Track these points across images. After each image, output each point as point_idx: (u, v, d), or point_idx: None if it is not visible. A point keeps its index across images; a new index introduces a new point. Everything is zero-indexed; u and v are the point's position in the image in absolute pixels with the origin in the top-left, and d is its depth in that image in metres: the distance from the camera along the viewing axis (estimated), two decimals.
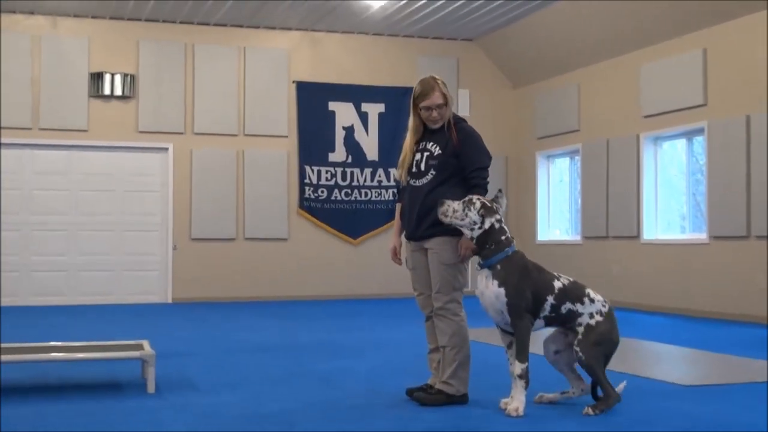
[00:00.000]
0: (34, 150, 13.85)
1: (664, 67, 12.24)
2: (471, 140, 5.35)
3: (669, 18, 11.84)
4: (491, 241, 5.01)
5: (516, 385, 4.93)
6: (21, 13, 13.73)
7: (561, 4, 13.01)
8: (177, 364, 7.05)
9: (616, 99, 13.32)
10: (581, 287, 5.07)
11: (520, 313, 4.90)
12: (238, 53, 14.68)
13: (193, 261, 14.37)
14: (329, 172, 15.01)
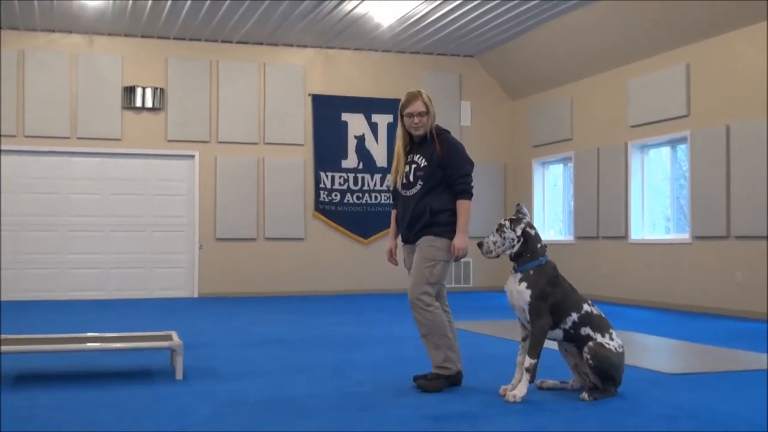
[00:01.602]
0: (71, 157, 13.91)
1: (650, 81, 12.24)
2: (454, 150, 5.41)
3: (654, 35, 11.85)
4: (528, 251, 5.09)
5: (520, 375, 4.98)
6: (59, 32, 13.79)
7: (554, 23, 13.02)
8: (202, 354, 7.07)
9: (605, 110, 13.31)
10: (608, 324, 5.09)
11: (539, 313, 4.93)
12: (259, 69, 14.71)
13: (218, 259, 14.40)
14: (342, 177, 15.03)
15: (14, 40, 13.61)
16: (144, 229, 14.18)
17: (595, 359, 4.90)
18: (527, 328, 5.05)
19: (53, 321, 9.84)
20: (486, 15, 12.85)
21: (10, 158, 13.57)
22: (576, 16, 12.57)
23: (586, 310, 5.04)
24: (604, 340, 4.96)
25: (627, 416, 4.56)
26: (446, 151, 5.35)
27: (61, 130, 13.76)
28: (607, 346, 4.94)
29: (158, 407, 4.84)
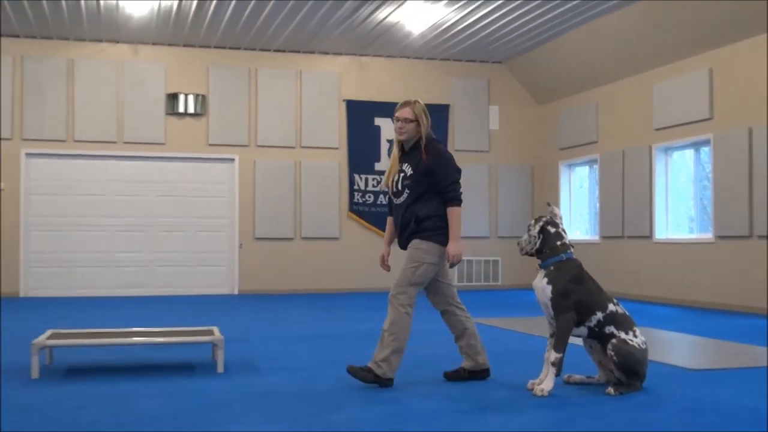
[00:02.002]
0: (118, 161, 14.05)
1: (674, 85, 12.12)
2: (441, 159, 5.31)
3: (678, 41, 11.73)
4: (547, 248, 5.10)
5: (547, 369, 4.98)
6: (106, 42, 13.94)
7: (580, 30, 12.94)
8: (242, 348, 7.11)
9: (630, 114, 13.21)
10: (632, 322, 5.07)
11: (562, 309, 4.94)
12: (295, 76, 14.77)
13: (257, 258, 14.48)
14: (375, 179, 15.04)
15: (64, 49, 13.79)
16: (186, 229, 14.29)
17: (619, 355, 4.89)
18: (553, 324, 5.05)
19: (101, 316, 9.94)
20: (514, 22, 12.81)
21: (60, 161, 13.77)
22: (602, 23, 12.48)
23: (611, 310, 5.03)
24: (627, 337, 4.94)
25: (651, 410, 4.53)
26: (433, 160, 5.26)
27: (108, 134, 13.92)
28: (630, 343, 4.92)
29: (200, 399, 4.88)
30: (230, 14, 12.45)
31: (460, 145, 15.44)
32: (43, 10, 12.19)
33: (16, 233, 13.52)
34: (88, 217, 13.86)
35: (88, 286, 13.81)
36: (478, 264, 15.50)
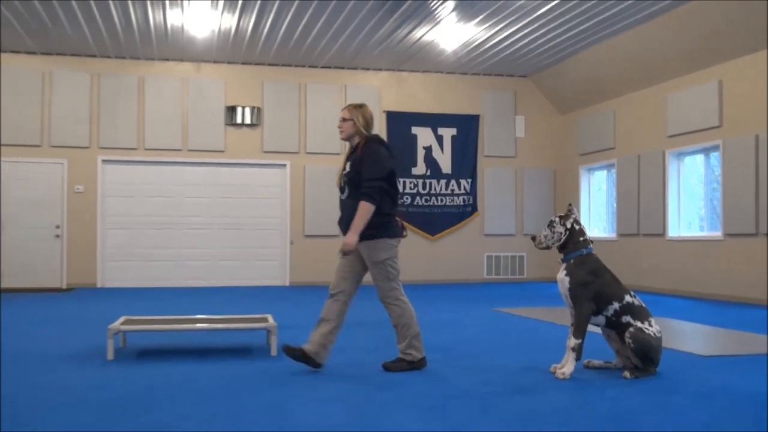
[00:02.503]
0: (183, 167, 14.19)
1: (686, 96, 11.95)
2: (367, 156, 5.08)
3: (689, 55, 11.57)
4: (571, 243, 5.07)
5: (568, 355, 4.95)
6: (173, 61, 14.09)
7: (599, 47, 12.81)
8: (293, 333, 7.12)
9: (645, 122, 13.05)
10: (648, 312, 5.02)
11: (579, 299, 4.91)
12: (340, 90, 14.80)
13: (306, 253, 14.54)
14: (412, 182, 15.02)
15: (135, 68, 13.97)
16: (243, 228, 14.40)
17: (635, 342, 4.85)
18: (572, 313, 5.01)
19: (168, 305, 10.05)
20: (538, 40, 12.71)
21: (132, 167, 13.95)
22: (618, 40, 12.34)
23: (627, 301, 4.98)
24: (643, 326, 4.90)
25: (665, 393, 4.47)
26: (362, 156, 5.09)
27: (174, 143, 14.07)
28: (646, 331, 4.88)
29: (257, 379, 4.92)
30: (282, 35, 12.52)
31: (489, 151, 15.37)
32: (117, 33, 12.36)
33: (94, 230, 13.73)
34: (157, 216, 14.04)
35: (157, 278, 13.99)
36: (506, 259, 15.41)
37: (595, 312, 4.97)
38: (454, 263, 15.14)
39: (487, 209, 15.36)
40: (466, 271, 15.20)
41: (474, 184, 15.27)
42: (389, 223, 5.15)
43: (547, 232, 5.16)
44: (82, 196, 13.68)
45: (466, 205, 15.23)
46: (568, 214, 5.15)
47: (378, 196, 5.02)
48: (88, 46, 13.17)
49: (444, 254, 15.12)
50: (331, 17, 11.59)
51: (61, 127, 13.62)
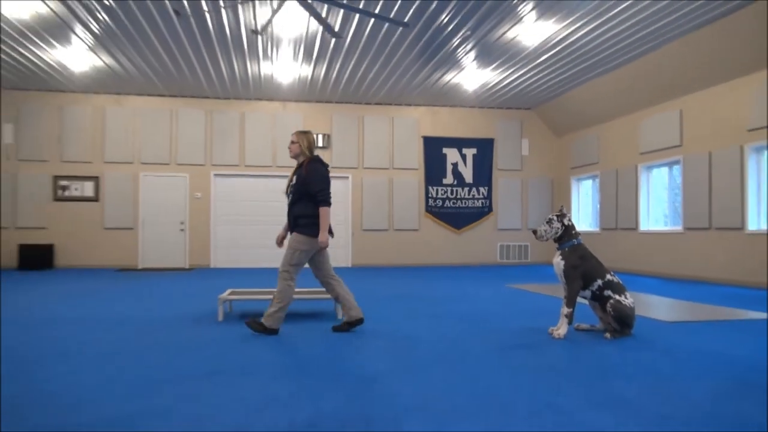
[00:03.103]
0: (272, 179, 14.32)
1: (654, 122, 11.66)
2: (314, 174, 4.94)
3: (656, 91, 11.29)
4: (566, 236, 5.00)
5: (562, 320, 4.88)
6: (265, 100, 14.28)
7: (585, 86, 12.59)
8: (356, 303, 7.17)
9: (621, 143, 12.77)
10: (624, 288, 4.92)
11: (571, 278, 4.86)
12: (389, 120, 14.81)
13: (364, 242, 14.59)
14: (443, 190, 14.96)
15: (238, 106, 14.19)
16: None
17: (615, 311, 4.78)
18: (565, 288, 4.93)
19: (263, 280, 10.20)
20: (539, 81, 12.54)
21: (235, 179, 14.15)
22: (600, 81, 12.11)
23: (608, 279, 4.89)
24: (621, 298, 4.81)
25: (637, 350, 4.37)
26: (308, 173, 4.94)
27: (266, 161, 14.25)
28: (623, 303, 4.80)
29: (327, 336, 4.95)
30: (345, 80, 12.58)
31: (502, 166, 15.22)
32: (225, 80, 12.56)
33: (207, 226, 13.99)
34: (253, 215, 14.22)
35: (253, 260, 14.18)
36: (514, 247, 15.24)
37: (582, 287, 4.90)
38: (474, 250, 15.04)
39: (500, 209, 15.22)
40: (483, 256, 15.09)
41: (490, 191, 15.15)
42: (317, 225, 4.98)
43: (546, 227, 5.08)
44: (200, 201, 13.95)
45: (483, 206, 15.11)
46: (563, 214, 5.08)
47: (329, 200, 4.94)
48: (203, 90, 13.42)
49: (467, 243, 15.03)
50: (382, 66, 11.61)
51: (184, 150, 13.91)
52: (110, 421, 2.77)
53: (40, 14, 8.87)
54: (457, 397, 3.17)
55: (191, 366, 3.84)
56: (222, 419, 2.80)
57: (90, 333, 5.04)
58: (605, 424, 2.77)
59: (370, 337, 4.90)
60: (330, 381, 3.48)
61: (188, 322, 5.63)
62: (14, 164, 13.33)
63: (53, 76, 12.18)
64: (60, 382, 3.45)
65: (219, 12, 8.82)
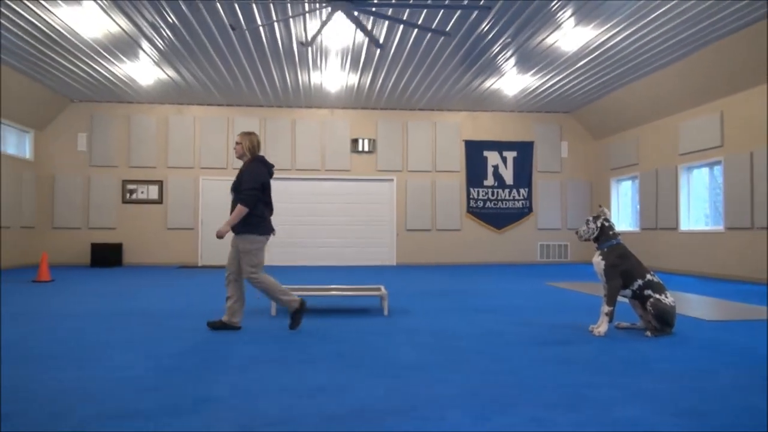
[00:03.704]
0: (321, 182, 14.50)
1: (695, 124, 11.29)
2: (247, 173, 4.85)
3: (697, 93, 10.93)
4: (603, 236, 4.91)
5: (602, 318, 4.79)
6: (314, 108, 14.46)
7: (624, 89, 12.28)
8: (399, 299, 7.20)
9: (661, 144, 12.40)
10: (664, 287, 4.79)
11: (611, 276, 4.76)
12: (432, 125, 14.79)
13: (408, 241, 14.60)
14: (484, 191, 14.84)
15: (289, 113, 14.41)
16: (363, 224, 14.60)
17: (655, 309, 4.66)
18: (605, 287, 4.84)
19: (312, 277, 10.32)
20: (578, 86, 12.31)
21: (287, 182, 14.37)
22: (640, 83, 11.79)
23: (648, 279, 4.77)
24: (661, 297, 4.69)
25: (677, 347, 4.26)
26: (242, 172, 4.88)
27: (315, 165, 14.42)
28: (663, 301, 4.68)
29: (374, 331, 4.99)
30: (390, 88, 12.63)
31: (541, 168, 15.00)
32: (277, 89, 12.80)
33: None
34: (304, 216, 14.40)
35: (305, 258, 14.36)
36: (554, 246, 14.99)
37: (623, 287, 4.80)
38: (515, 249, 14.86)
39: (540, 210, 15.00)
40: (524, 255, 14.89)
41: (530, 192, 14.95)
42: (260, 223, 4.86)
43: (585, 227, 5.02)
44: None
45: (523, 207, 14.92)
46: (598, 215, 5.00)
47: (251, 201, 4.80)
48: (257, 99, 13.70)
49: (507, 243, 14.86)
50: (425, 74, 11.61)
51: None
52: (175, 405, 2.88)
53: (111, 32, 9.24)
54: (498, 389, 3.16)
55: (245, 356, 3.94)
56: (273, 406, 2.88)
57: (153, 324, 5.22)
58: (641, 419, 2.72)
59: (414, 330, 4.91)
60: (375, 372, 3.52)
61: (244, 316, 5.75)
62: (87, 170, 13.90)
63: (122, 88, 12.65)
64: (131, 369, 3.60)
65: (272, 26, 8.99)
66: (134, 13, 8.51)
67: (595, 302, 6.81)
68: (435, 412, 2.77)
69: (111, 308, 6.24)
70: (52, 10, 8.32)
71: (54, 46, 9.81)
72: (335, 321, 5.45)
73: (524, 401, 2.95)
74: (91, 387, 3.18)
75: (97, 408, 2.82)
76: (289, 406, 2.85)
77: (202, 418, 2.69)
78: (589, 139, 15.31)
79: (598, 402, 2.95)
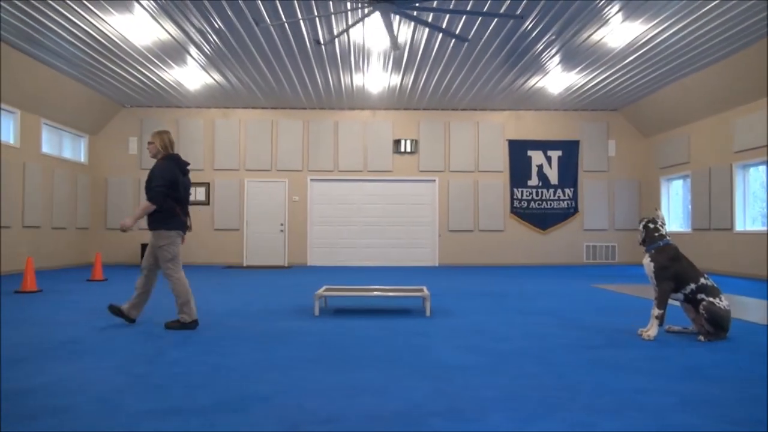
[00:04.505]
0: (364, 183, 14.58)
1: (751, 120, 10.84)
2: (156, 169, 4.87)
3: (751, 88, 10.49)
4: (649, 239, 4.80)
5: (652, 321, 4.66)
6: (357, 109, 14.55)
7: (675, 84, 11.91)
8: (441, 300, 7.18)
9: (714, 141, 11.97)
10: (719, 291, 4.65)
11: (661, 279, 4.62)
12: (475, 125, 14.68)
13: (450, 242, 14.53)
14: (528, 191, 14.63)
15: (331, 115, 14.55)
16: (405, 225, 14.61)
17: (708, 313, 4.50)
18: (656, 290, 4.71)
19: (354, 278, 10.37)
20: (626, 82, 12.01)
21: (330, 184, 14.51)
22: (691, 79, 11.42)
23: (701, 282, 4.61)
24: (715, 301, 4.53)
25: (730, 352, 4.10)
26: (153, 169, 4.89)
27: (357, 166, 14.52)
28: (717, 305, 4.51)
29: (416, 331, 4.98)
30: (432, 88, 12.60)
31: (588, 167, 14.70)
32: (320, 92, 12.94)
33: (305, 227, 14.44)
34: (346, 217, 14.52)
35: (346, 259, 14.47)
36: (601, 248, 14.66)
37: (674, 290, 4.66)
38: (560, 250, 14.60)
39: (586, 210, 14.69)
40: (569, 257, 14.61)
41: (575, 192, 14.66)
42: (170, 219, 4.89)
43: (639, 231, 4.93)
44: (298, 204, 14.42)
45: (569, 207, 14.64)
46: (643, 217, 4.89)
47: (159, 198, 4.83)
48: (301, 101, 13.88)
49: (552, 244, 14.61)
50: (467, 74, 11.54)
51: (283, 157, 14.44)
52: (224, 402, 2.95)
53: (160, 39, 9.53)
54: (542, 392, 3.11)
55: (290, 355, 4.00)
56: (317, 405, 2.91)
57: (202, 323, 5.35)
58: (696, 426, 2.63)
59: (457, 331, 4.89)
60: (418, 372, 3.52)
61: (287, 315, 5.84)
62: (137, 172, 14.37)
63: (171, 93, 13.04)
64: (181, 365, 3.70)
65: (315, 28, 9.10)
66: (182, 20, 8.75)
67: (643, 305, 6.63)
68: (477, 415, 2.76)
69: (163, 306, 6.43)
70: (105, 18, 8.64)
71: (107, 53, 10.18)
72: (377, 322, 5.47)
73: (570, 406, 2.90)
74: (141, 382, 3.29)
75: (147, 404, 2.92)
76: (333, 406, 2.88)
77: (250, 415, 2.75)
78: (638, 137, 14.91)
79: (648, 408, 2.87)
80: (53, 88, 11.57)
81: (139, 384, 3.26)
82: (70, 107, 12.53)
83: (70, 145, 13.47)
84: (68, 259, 13.16)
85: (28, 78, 10.78)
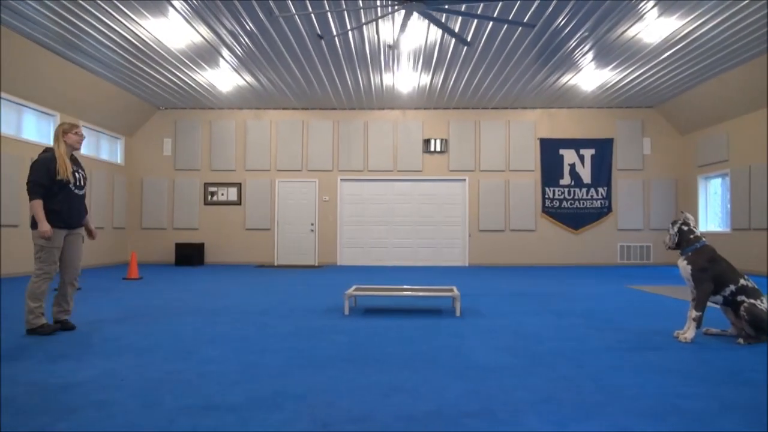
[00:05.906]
0: (394, 182, 14.59)
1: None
2: (31, 165, 4.60)
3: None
4: (684, 241, 4.69)
5: (690, 323, 4.54)
6: (387, 109, 14.55)
7: (713, 80, 11.59)
8: (471, 300, 7.13)
9: (755, 139, 11.60)
10: (760, 292, 4.52)
11: (700, 281, 4.51)
12: (506, 124, 14.54)
13: (480, 242, 14.43)
14: (560, 190, 14.43)
15: (361, 115, 14.58)
16: (436, 224, 14.56)
17: (749, 316, 4.37)
18: (694, 292, 4.59)
19: (385, 278, 10.38)
20: (661, 78, 11.74)
21: (360, 183, 14.55)
22: (730, 75, 11.10)
23: (741, 284, 4.48)
24: (756, 302, 4.39)
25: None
26: None
27: (387, 166, 14.52)
28: (758, 307, 4.38)
29: (446, 331, 4.96)
30: (462, 87, 12.53)
31: (621, 166, 14.42)
32: (350, 92, 12.99)
33: (335, 227, 14.50)
34: (376, 216, 14.54)
35: (376, 259, 14.50)
36: (635, 248, 14.36)
37: (713, 292, 4.53)
38: (593, 250, 14.36)
39: (620, 210, 14.41)
40: (602, 257, 14.36)
41: (609, 191, 14.40)
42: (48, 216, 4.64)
43: (667, 236, 4.81)
44: (328, 204, 14.50)
45: (602, 207, 14.39)
46: (676, 220, 4.77)
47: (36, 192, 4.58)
48: (331, 102, 13.95)
49: (585, 244, 14.38)
50: (498, 72, 11.43)
51: (314, 157, 14.53)
52: (258, 399, 2.98)
53: (193, 42, 9.69)
54: (579, 394, 3.06)
55: (322, 354, 4.02)
56: (349, 404, 2.92)
57: (236, 321, 5.42)
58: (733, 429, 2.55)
59: (488, 332, 4.85)
60: (450, 372, 3.50)
61: (318, 315, 5.88)
62: (172, 173, 14.64)
63: (203, 95, 13.25)
64: (215, 363, 3.76)
65: (346, 31, 9.13)
66: (215, 23, 8.89)
67: (679, 306, 6.47)
68: (511, 416, 2.73)
69: (198, 305, 6.54)
70: (140, 22, 8.82)
71: (143, 57, 10.40)
72: (408, 321, 5.47)
73: (607, 409, 2.84)
74: (177, 379, 3.34)
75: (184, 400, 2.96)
76: (365, 405, 2.89)
77: (283, 413, 2.77)
78: (674, 135, 14.57)
79: (689, 413, 2.80)
80: (91, 91, 11.88)
81: (176, 381, 3.32)
82: (107, 109, 12.84)
83: (107, 146, 13.81)
84: (105, 258, 13.49)
85: (67, 81, 11.08)
